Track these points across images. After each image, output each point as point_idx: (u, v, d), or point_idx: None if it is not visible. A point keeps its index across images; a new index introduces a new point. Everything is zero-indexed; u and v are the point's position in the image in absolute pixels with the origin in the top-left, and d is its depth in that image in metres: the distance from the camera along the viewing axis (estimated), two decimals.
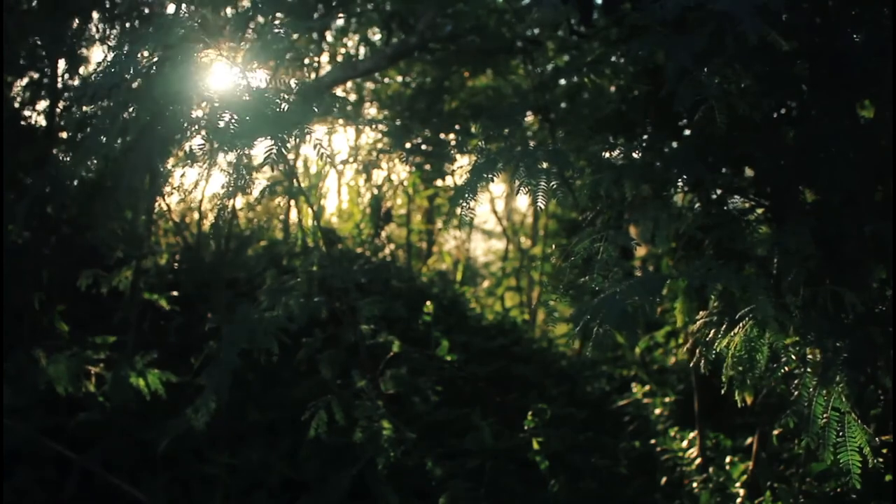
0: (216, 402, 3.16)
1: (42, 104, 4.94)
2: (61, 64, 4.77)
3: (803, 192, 3.29)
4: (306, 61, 7.95)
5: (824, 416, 2.47)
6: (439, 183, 9.86)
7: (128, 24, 4.56)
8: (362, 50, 9.06)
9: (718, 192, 3.32)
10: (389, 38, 7.22)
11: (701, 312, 3.02)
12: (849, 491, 3.45)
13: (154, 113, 2.71)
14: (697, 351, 2.85)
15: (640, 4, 3.05)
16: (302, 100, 2.82)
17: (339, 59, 9.05)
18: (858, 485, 2.40)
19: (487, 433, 4.97)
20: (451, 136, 8.47)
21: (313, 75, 8.01)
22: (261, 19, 4.18)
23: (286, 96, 2.78)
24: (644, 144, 3.29)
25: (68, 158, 4.81)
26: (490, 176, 2.74)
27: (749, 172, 3.53)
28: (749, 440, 4.84)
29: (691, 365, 2.91)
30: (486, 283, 11.70)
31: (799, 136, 3.16)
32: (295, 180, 3.70)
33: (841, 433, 2.45)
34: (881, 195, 3.11)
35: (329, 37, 8.65)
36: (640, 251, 6.02)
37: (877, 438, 3.13)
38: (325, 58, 8.90)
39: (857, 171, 2.90)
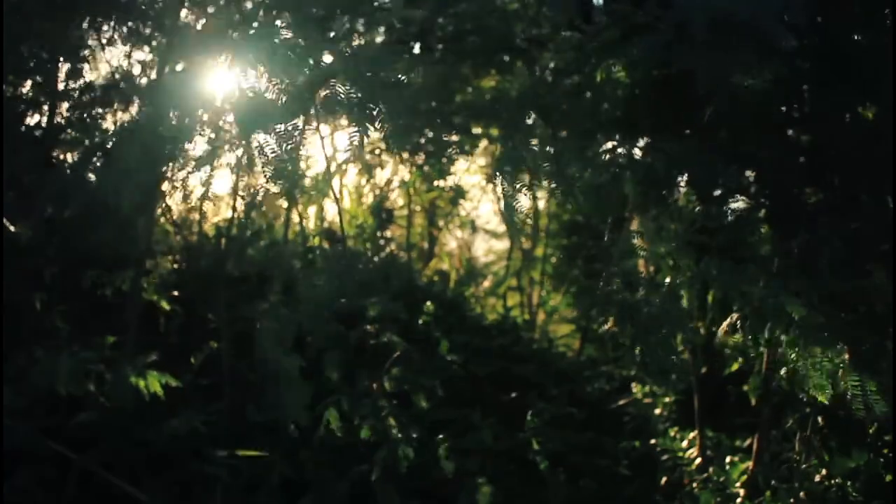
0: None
1: (44, 105, 4.93)
2: (63, 66, 4.76)
3: (804, 192, 3.30)
4: (310, 60, 7.92)
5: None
6: (441, 183, 9.85)
7: (131, 26, 4.56)
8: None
9: (720, 191, 3.33)
10: (390, 39, 7.22)
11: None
12: (849, 491, 3.46)
13: (158, 114, 2.72)
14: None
15: (643, 4, 3.06)
16: (303, 97, 2.82)
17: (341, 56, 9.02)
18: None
19: (487, 433, 4.97)
20: (453, 136, 8.45)
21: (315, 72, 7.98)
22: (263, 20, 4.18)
23: (287, 94, 2.79)
24: (646, 145, 3.29)
25: (70, 159, 4.81)
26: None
27: (750, 173, 3.54)
28: (749, 440, 4.84)
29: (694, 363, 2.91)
30: (486, 283, 11.68)
31: (801, 137, 3.17)
32: (297, 180, 3.70)
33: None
34: (882, 195, 3.11)
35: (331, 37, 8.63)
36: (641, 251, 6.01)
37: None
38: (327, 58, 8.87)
39: (859, 171, 2.91)
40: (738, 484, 4.49)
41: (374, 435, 3.84)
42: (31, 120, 4.98)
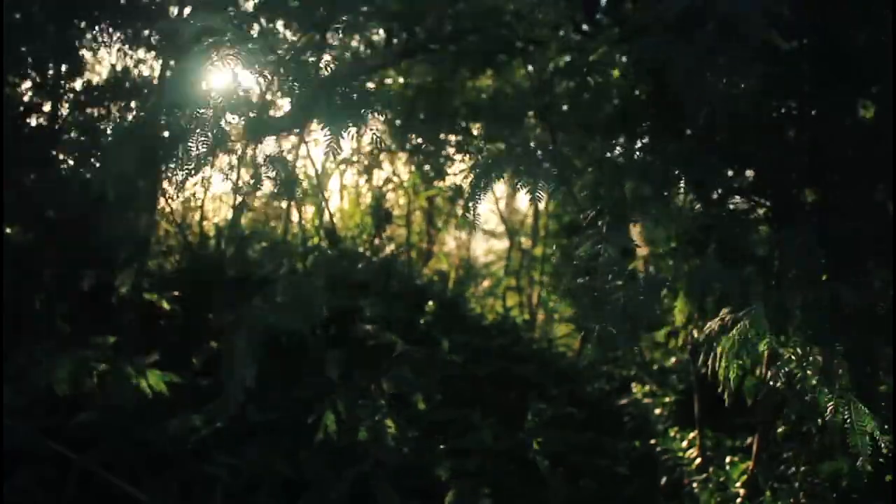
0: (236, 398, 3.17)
1: (45, 105, 4.93)
2: (64, 66, 4.76)
3: (804, 193, 3.30)
4: (310, 60, 7.91)
5: (829, 404, 2.49)
6: (439, 183, 9.84)
7: (132, 28, 4.56)
8: (364, 51, 9.03)
9: (719, 191, 3.33)
10: (390, 40, 7.22)
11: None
12: (849, 491, 3.46)
13: (158, 115, 2.72)
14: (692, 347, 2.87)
15: (643, 3, 3.06)
16: (303, 99, 2.82)
17: (344, 57, 9.01)
18: (869, 467, 2.42)
19: (487, 433, 4.97)
20: (452, 136, 8.46)
21: (315, 73, 7.98)
22: (264, 22, 4.18)
23: (288, 96, 2.79)
24: (645, 145, 3.29)
25: (71, 159, 4.81)
26: (493, 177, 2.75)
27: (749, 173, 3.54)
28: (749, 440, 4.85)
29: (693, 363, 2.92)
30: (485, 283, 11.68)
31: (800, 137, 3.17)
32: (297, 180, 3.71)
33: (848, 419, 2.48)
34: (881, 195, 3.12)
35: (332, 39, 8.61)
36: (642, 251, 6.02)
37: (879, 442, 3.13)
38: (326, 59, 8.86)
39: (858, 171, 2.91)
40: (738, 484, 4.49)
41: (372, 436, 3.84)
42: (32, 120, 4.98)
